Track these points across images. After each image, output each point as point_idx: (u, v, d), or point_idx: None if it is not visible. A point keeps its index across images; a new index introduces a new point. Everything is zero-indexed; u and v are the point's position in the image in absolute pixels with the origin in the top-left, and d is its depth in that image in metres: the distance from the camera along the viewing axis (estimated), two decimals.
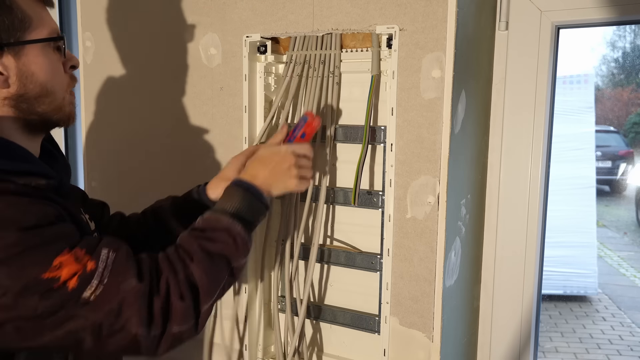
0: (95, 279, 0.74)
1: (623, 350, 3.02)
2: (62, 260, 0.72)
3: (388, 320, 1.12)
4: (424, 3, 1.03)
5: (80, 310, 0.73)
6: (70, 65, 0.90)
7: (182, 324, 0.80)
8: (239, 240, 0.89)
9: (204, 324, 0.84)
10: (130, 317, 0.75)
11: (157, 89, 1.38)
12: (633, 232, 3.81)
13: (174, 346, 0.81)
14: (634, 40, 3.11)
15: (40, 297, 0.71)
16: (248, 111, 1.23)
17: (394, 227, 1.10)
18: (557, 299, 3.39)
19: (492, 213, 1.29)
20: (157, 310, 0.77)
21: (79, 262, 0.74)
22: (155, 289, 0.78)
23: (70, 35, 1.90)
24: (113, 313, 0.75)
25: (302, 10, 1.15)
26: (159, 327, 0.77)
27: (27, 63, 0.81)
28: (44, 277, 0.71)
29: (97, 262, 0.75)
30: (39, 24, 0.83)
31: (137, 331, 0.76)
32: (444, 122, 1.03)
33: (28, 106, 0.83)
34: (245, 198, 0.93)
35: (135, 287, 0.76)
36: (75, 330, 0.73)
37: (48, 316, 0.72)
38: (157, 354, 0.80)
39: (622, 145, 3.70)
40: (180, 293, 0.80)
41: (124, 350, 0.78)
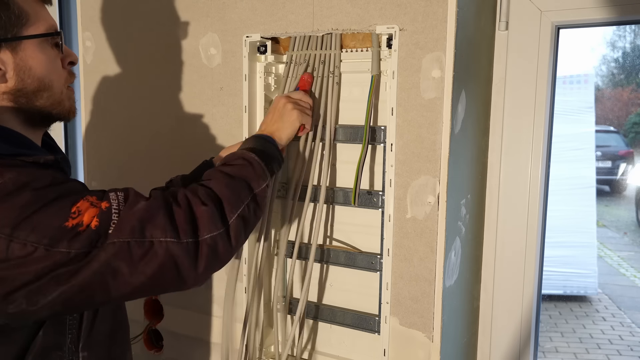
0: (114, 213, 0.78)
1: (623, 350, 3.02)
2: (79, 206, 0.76)
3: (388, 320, 1.12)
4: (424, 3, 1.03)
5: (108, 240, 0.76)
6: (69, 61, 0.91)
7: (211, 229, 0.83)
8: (255, 164, 0.95)
9: (237, 239, 0.87)
10: (153, 232, 0.79)
11: (157, 89, 1.38)
12: (633, 232, 3.81)
13: (212, 263, 0.83)
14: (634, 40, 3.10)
15: (69, 242, 0.74)
16: (248, 111, 1.23)
17: (394, 227, 1.10)
18: (557, 299, 3.39)
19: (492, 213, 1.29)
20: (180, 219, 0.81)
21: (94, 206, 0.78)
22: (173, 203, 0.83)
23: (70, 35, 1.90)
24: (136, 231, 0.78)
25: (302, 10, 1.15)
26: (187, 235, 0.80)
27: (25, 58, 0.83)
28: (67, 225, 0.75)
29: (109, 202, 0.79)
30: (36, 20, 0.84)
31: (167, 242, 0.79)
32: (444, 122, 1.03)
33: (27, 100, 0.85)
34: (257, 141, 1.02)
35: (146, 204, 0.81)
36: (107, 260, 0.76)
37: (82, 257, 0.75)
38: (197, 270, 0.82)
39: (622, 145, 3.70)
40: (202, 201, 0.84)
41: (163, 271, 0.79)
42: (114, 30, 1.44)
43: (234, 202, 0.87)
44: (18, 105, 0.85)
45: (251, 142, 1.02)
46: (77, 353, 0.88)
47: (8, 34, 0.81)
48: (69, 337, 0.87)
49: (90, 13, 1.47)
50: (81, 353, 0.88)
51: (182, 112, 1.35)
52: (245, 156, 0.96)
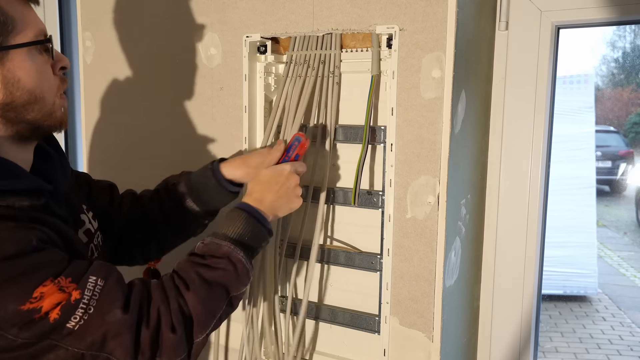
0: (79, 309, 0.70)
1: (623, 350, 3.02)
2: (44, 290, 0.69)
3: (388, 320, 1.12)
4: (424, 3, 1.03)
5: (63, 340, 0.70)
6: (60, 66, 0.84)
7: (172, 356, 0.77)
8: (240, 268, 0.86)
9: (198, 355, 0.82)
10: (114, 349, 0.73)
11: (157, 89, 1.38)
12: (633, 232, 3.81)
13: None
14: (634, 40, 3.10)
15: (19, 329, 0.68)
16: (248, 111, 1.23)
17: (394, 227, 1.10)
18: (557, 299, 3.39)
19: (492, 213, 1.29)
20: (145, 341, 0.75)
21: (63, 291, 0.70)
22: (144, 319, 0.76)
23: (70, 35, 1.90)
24: (96, 344, 0.72)
25: (302, 10, 1.15)
26: (146, 358, 0.75)
27: (13, 69, 0.76)
28: (24, 308, 0.67)
29: (82, 292, 0.71)
30: (23, 26, 0.77)
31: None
32: (444, 122, 1.03)
33: (16, 115, 0.78)
34: (249, 223, 0.90)
35: (121, 319, 0.73)
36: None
37: (29, 346, 0.69)
38: None
39: (622, 145, 3.70)
40: (172, 324, 0.77)
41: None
42: (114, 30, 1.44)
43: (206, 321, 0.81)
44: (6, 120, 0.77)
45: (241, 226, 0.90)
46: None
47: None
48: None
49: (90, 13, 1.47)
50: None
51: (182, 112, 1.35)
52: (232, 257, 0.85)
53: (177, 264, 0.86)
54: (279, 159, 1.03)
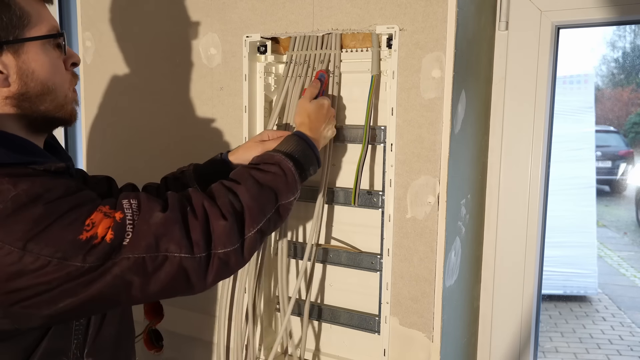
0: (128, 225, 0.77)
1: (623, 350, 3.02)
2: (93, 218, 0.75)
3: (388, 320, 1.12)
4: (424, 3, 1.02)
5: (123, 254, 0.76)
6: (72, 62, 0.89)
7: (226, 244, 0.81)
8: (289, 176, 0.92)
9: (251, 252, 0.86)
10: (168, 246, 0.78)
11: (157, 89, 1.38)
12: (633, 232, 3.81)
13: (222, 273, 0.83)
14: (634, 40, 3.10)
15: (83, 256, 0.73)
16: (248, 111, 1.23)
17: (394, 227, 1.10)
18: (557, 299, 3.39)
19: (492, 213, 1.29)
20: (196, 232, 0.80)
21: (108, 216, 0.76)
22: (190, 214, 0.81)
23: (70, 35, 1.90)
24: (151, 247, 0.77)
25: (302, 10, 1.15)
26: (201, 249, 0.80)
27: (27, 61, 0.80)
28: (82, 238, 0.74)
29: (123, 212, 0.78)
30: (38, 21, 0.81)
31: (181, 256, 0.78)
32: (444, 122, 1.03)
33: (30, 105, 0.82)
34: (299, 144, 0.99)
35: (164, 217, 0.79)
36: (121, 274, 0.75)
37: (96, 269, 0.74)
38: (206, 281, 0.82)
39: (622, 145, 3.70)
40: (222, 214, 0.82)
41: (174, 282, 0.79)
42: (114, 30, 1.44)
43: (256, 215, 0.86)
44: (21, 110, 0.82)
45: (292, 145, 0.98)
46: (81, 358, 0.87)
47: (10, 36, 0.78)
48: (74, 343, 0.86)
49: (90, 13, 1.47)
50: (86, 358, 0.88)
51: (182, 112, 1.35)
52: (282, 164, 0.93)
53: (231, 173, 0.93)
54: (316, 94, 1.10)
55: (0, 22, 0.77)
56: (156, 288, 0.78)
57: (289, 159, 0.94)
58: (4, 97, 0.80)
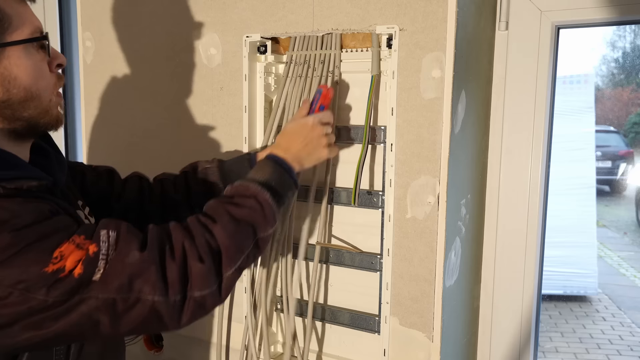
0: (100, 260, 0.73)
1: (623, 350, 3.02)
2: (62, 250, 0.71)
3: (388, 320, 1.12)
4: (424, 3, 1.03)
5: (91, 292, 0.72)
6: (57, 64, 0.84)
7: (203, 287, 0.78)
8: (267, 208, 0.88)
9: (229, 291, 0.83)
10: (142, 288, 0.74)
11: (157, 89, 1.38)
12: (633, 232, 3.81)
13: (197, 314, 0.79)
14: (634, 40, 3.10)
15: (48, 290, 0.70)
16: (248, 111, 1.23)
17: (394, 227, 1.10)
18: (557, 299, 3.39)
19: (492, 213, 1.29)
20: (172, 274, 0.76)
21: (80, 248, 0.72)
22: (168, 254, 0.77)
23: (70, 35, 1.90)
24: (124, 288, 0.73)
25: (302, 10, 1.15)
26: (177, 292, 0.76)
27: (9, 66, 0.76)
28: (48, 270, 0.70)
29: (98, 244, 0.74)
30: (19, 23, 0.77)
31: (154, 300, 0.75)
32: (444, 122, 1.03)
33: (12, 112, 0.78)
34: (275, 171, 0.95)
35: (141, 257, 0.75)
36: (88, 313, 0.72)
37: (60, 304, 0.71)
38: (180, 322, 0.78)
39: (622, 145, 3.70)
40: (199, 256, 0.78)
41: (145, 323, 0.76)
42: (114, 30, 1.44)
43: (234, 255, 0.82)
44: (3, 117, 0.78)
45: (268, 172, 0.94)
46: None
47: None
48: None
49: (90, 13, 1.47)
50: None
51: (182, 112, 1.35)
52: (259, 197, 0.88)
53: (206, 204, 0.88)
54: (304, 115, 1.05)
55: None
56: (126, 328, 0.76)
57: (265, 189, 0.89)
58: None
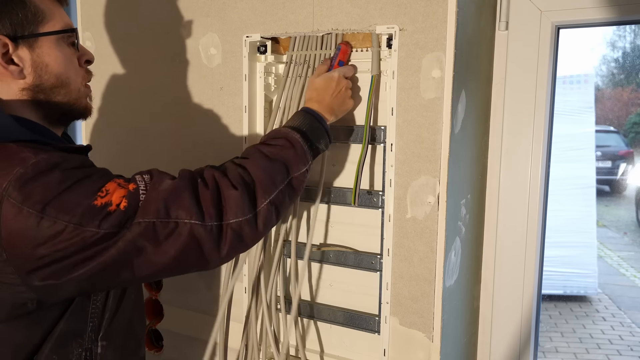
0: (141, 194, 0.80)
1: (623, 350, 3.02)
2: (108, 187, 0.79)
3: (388, 320, 1.12)
4: (424, 3, 1.03)
5: (135, 219, 0.78)
6: (85, 59, 0.93)
7: (238, 214, 0.82)
8: (298, 147, 0.93)
9: (266, 225, 0.86)
10: (178, 212, 0.79)
11: (157, 89, 1.38)
12: (633, 232, 3.81)
13: (236, 245, 0.84)
14: (634, 40, 3.11)
15: (99, 222, 0.76)
16: (248, 111, 1.23)
17: (394, 227, 1.10)
18: (557, 299, 3.39)
19: (492, 213, 1.29)
20: (206, 201, 0.81)
21: (122, 187, 0.80)
22: (201, 184, 0.83)
23: None
24: (161, 212, 0.79)
25: (302, 10, 1.15)
26: (213, 218, 0.81)
27: (42, 55, 0.85)
28: (97, 204, 0.76)
29: (136, 183, 0.81)
30: (52, 19, 0.86)
31: (192, 223, 0.79)
32: (444, 122, 1.03)
33: (45, 96, 0.87)
34: (306, 118, 0.99)
35: (173, 184, 0.82)
36: (132, 239, 0.77)
37: (111, 237, 0.77)
38: (220, 252, 0.82)
39: (622, 145, 3.70)
40: (232, 184, 0.84)
41: (187, 251, 0.80)
42: (114, 30, 1.44)
43: (267, 187, 0.87)
44: (37, 101, 0.87)
45: (299, 119, 0.99)
46: (96, 342, 0.89)
47: (25, 31, 0.83)
48: (90, 325, 0.88)
49: (90, 13, 1.47)
50: (100, 342, 0.90)
51: (182, 112, 1.35)
52: (289, 136, 0.94)
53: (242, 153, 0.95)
54: (325, 70, 1.08)
55: (16, 18, 0.82)
56: (168, 256, 0.80)
57: (295, 131, 0.95)
58: (20, 89, 0.85)
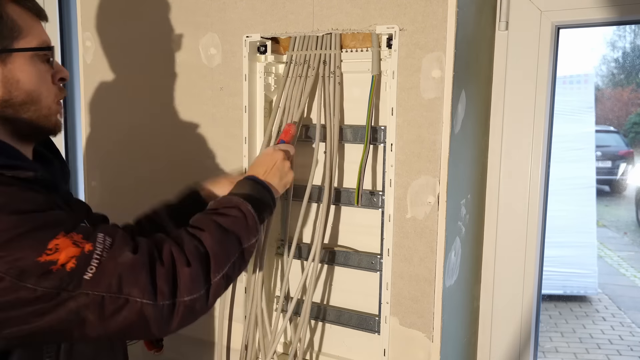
0: (94, 260, 0.74)
1: (623, 350, 3.03)
2: (59, 243, 0.73)
3: (388, 320, 1.12)
4: (424, 3, 1.02)
5: (81, 289, 0.73)
6: (59, 77, 0.90)
7: (192, 292, 0.80)
8: (250, 218, 0.93)
9: (216, 297, 0.85)
10: (131, 289, 0.75)
11: (157, 89, 1.38)
12: (633, 232, 3.81)
13: (186, 320, 0.81)
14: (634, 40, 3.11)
15: (37, 280, 0.71)
16: (248, 111, 1.23)
17: (394, 227, 1.10)
18: (557, 299, 3.39)
19: (492, 213, 1.29)
20: (161, 279, 0.78)
21: (76, 245, 0.74)
22: (157, 260, 0.80)
23: (70, 35, 1.90)
24: (113, 287, 0.74)
25: (302, 10, 1.15)
26: (166, 297, 0.78)
27: (13, 70, 0.82)
28: (41, 260, 0.71)
29: (94, 245, 0.76)
30: (28, 35, 0.84)
31: (142, 303, 0.76)
32: (444, 122, 1.03)
33: (14, 112, 0.83)
34: (254, 188, 1.00)
35: (133, 259, 0.77)
36: (76, 309, 0.73)
37: (48, 298, 0.72)
38: (169, 327, 0.79)
39: (622, 145, 3.70)
40: (187, 260, 0.81)
41: (132, 327, 0.77)
42: (114, 30, 1.44)
43: (222, 261, 0.85)
44: (5, 115, 0.83)
45: (248, 188, 0.99)
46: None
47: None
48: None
49: (90, 13, 1.47)
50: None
51: (182, 112, 1.35)
52: (242, 207, 0.93)
53: (192, 218, 0.92)
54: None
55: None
56: (112, 330, 0.76)
57: (247, 201, 0.94)
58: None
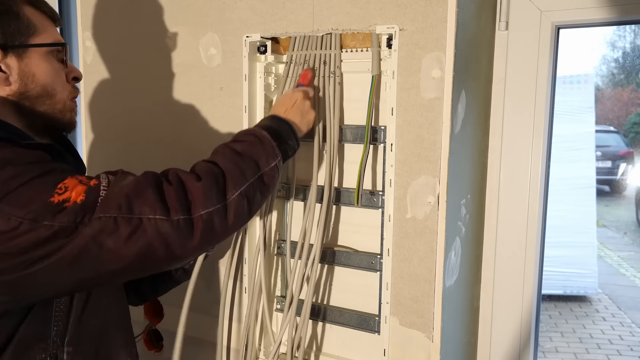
0: (102, 190, 0.78)
1: (623, 350, 3.03)
2: (67, 183, 0.76)
3: (388, 320, 1.12)
4: (424, 3, 1.03)
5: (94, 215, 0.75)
6: (73, 76, 0.95)
7: (206, 204, 0.81)
8: (266, 142, 0.93)
9: (237, 217, 0.85)
10: (142, 208, 0.77)
11: (157, 89, 1.38)
12: (633, 232, 3.82)
13: (207, 237, 0.81)
14: (634, 40, 3.11)
15: (53, 216, 0.73)
16: (248, 111, 1.23)
17: (394, 227, 1.10)
18: (557, 299, 3.39)
19: (492, 213, 1.29)
20: (170, 196, 0.79)
21: (82, 183, 0.77)
22: (164, 181, 0.81)
23: (70, 35, 1.90)
24: (123, 208, 0.76)
25: (302, 10, 1.15)
26: (179, 212, 0.78)
27: (29, 64, 0.87)
28: (54, 200, 0.74)
29: (99, 179, 0.79)
30: (43, 33, 0.89)
31: (156, 219, 0.77)
32: (444, 122, 1.03)
33: (30, 104, 0.88)
34: (272, 121, 1.00)
35: (136, 179, 0.80)
36: (93, 235, 0.75)
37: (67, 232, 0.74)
38: (190, 244, 0.80)
39: (622, 145, 3.70)
40: (197, 176, 0.83)
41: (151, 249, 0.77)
42: (114, 30, 1.44)
43: (238, 178, 0.86)
44: (22, 108, 0.88)
45: (265, 121, 1.00)
46: (61, 347, 0.85)
47: (15, 41, 0.85)
48: (54, 329, 0.85)
49: (90, 13, 1.47)
50: (66, 347, 0.86)
51: (182, 112, 1.35)
52: (257, 133, 0.94)
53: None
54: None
55: (9, 28, 0.85)
56: (132, 254, 0.77)
57: (263, 129, 0.95)
58: (5, 95, 0.86)
